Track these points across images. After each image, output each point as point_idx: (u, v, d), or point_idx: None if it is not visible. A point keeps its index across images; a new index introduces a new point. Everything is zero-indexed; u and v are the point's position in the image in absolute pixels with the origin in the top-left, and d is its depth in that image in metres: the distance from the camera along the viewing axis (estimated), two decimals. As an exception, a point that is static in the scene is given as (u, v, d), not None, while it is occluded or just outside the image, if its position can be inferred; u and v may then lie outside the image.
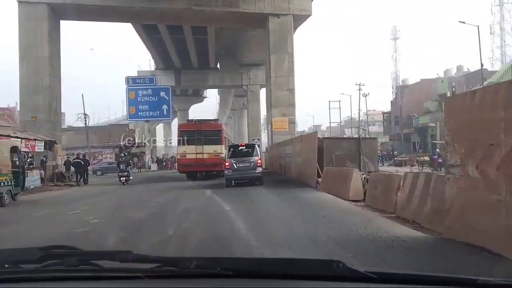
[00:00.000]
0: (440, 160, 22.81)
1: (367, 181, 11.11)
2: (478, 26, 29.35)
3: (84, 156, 25.65)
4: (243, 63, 51.34)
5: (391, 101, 45.60)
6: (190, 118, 44.86)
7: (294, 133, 29.58)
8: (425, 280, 1.48)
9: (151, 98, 43.52)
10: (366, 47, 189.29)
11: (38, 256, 1.65)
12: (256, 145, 18.03)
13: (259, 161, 16.37)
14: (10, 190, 13.17)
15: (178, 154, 23.75)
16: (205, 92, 70.14)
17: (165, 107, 43.58)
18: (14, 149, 14.36)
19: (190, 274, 1.55)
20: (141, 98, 43.52)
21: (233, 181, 16.00)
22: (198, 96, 68.90)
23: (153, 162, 43.42)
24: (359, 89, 47.62)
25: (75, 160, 24.87)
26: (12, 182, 13.37)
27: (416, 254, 5.17)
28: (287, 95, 29.75)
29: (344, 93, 57.33)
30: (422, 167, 27.60)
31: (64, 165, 25.46)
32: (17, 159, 14.22)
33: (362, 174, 11.32)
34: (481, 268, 4.40)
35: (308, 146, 15.06)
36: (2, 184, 12.68)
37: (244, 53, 48.53)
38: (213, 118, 30.78)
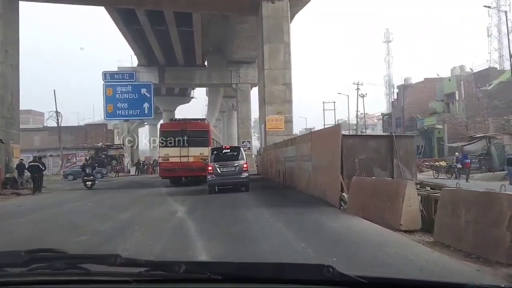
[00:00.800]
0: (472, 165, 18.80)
1: (422, 199, 7.01)
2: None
3: (40, 158, 21.05)
4: (232, 60, 47.28)
5: (392, 102, 41.84)
6: (175, 117, 40.93)
7: (291, 133, 25.48)
8: (414, 286, 1.48)
9: (130, 96, 39.17)
10: (362, 45, 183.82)
11: (24, 259, 1.61)
12: (241, 148, 16.56)
13: (245, 166, 14.95)
14: None
15: (160, 157, 21.10)
16: (192, 92, 65.95)
17: (146, 105, 39.22)
18: None
19: (179, 278, 1.50)
20: (119, 95, 39.13)
21: (216, 187, 14.61)
22: (185, 96, 64.65)
23: (132, 165, 38.90)
24: (357, 89, 43.93)
25: (32, 164, 20.41)
26: None
27: None
28: (282, 90, 25.65)
29: (341, 93, 53.15)
30: (438, 173, 23.74)
31: (16, 169, 20.90)
32: None
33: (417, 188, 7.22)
34: None
35: (326, 146, 10.84)
36: None
37: (233, 49, 44.40)
38: (200, 118, 27.03)
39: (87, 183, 20.15)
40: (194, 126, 20.58)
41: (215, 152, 15.39)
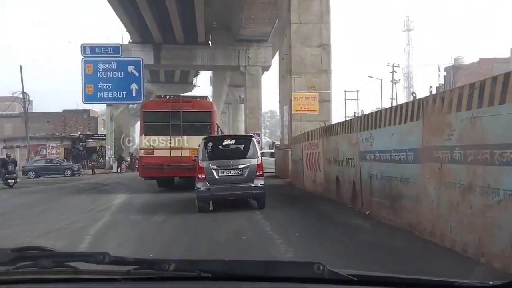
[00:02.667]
0: None
1: None
2: None
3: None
4: (241, 38, 38.79)
5: (437, 87, 33.43)
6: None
7: (329, 119, 16.98)
8: (405, 283, 1.45)
9: (115, 74, 30.84)
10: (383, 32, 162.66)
11: (10, 257, 1.51)
12: (253, 139, 9.98)
13: (259, 167, 8.95)
14: None
15: (141, 149, 14.72)
16: (194, 79, 57.40)
17: (134, 86, 30.85)
18: None
19: (168, 276, 1.44)
20: (101, 74, 30.81)
21: (211, 202, 8.80)
22: (186, 84, 56.15)
23: (115, 160, 30.43)
24: (393, 71, 35.37)
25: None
26: None
27: None
28: (317, 55, 17.16)
29: (373, 77, 43.31)
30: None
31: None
32: None
33: None
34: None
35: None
36: None
37: (241, 23, 35.83)
38: (199, 95, 18.91)
39: (9, 181, 18.14)
40: (191, 106, 14.48)
41: (210, 144, 9.70)
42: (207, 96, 17.82)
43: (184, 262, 1.52)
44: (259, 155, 9.30)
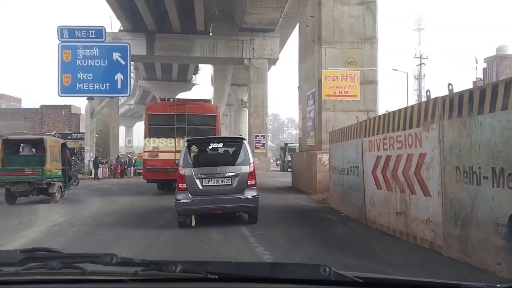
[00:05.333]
0: None
1: None
2: None
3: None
4: (245, 27, 33.38)
5: (474, 82, 27.71)
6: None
7: (374, 108, 11.44)
8: (410, 285, 1.42)
9: (97, 62, 25.29)
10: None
11: (19, 258, 1.50)
12: (244, 142, 7.92)
13: (251, 175, 7.29)
14: (60, 186, 12.13)
15: (145, 151, 14.14)
16: (194, 77, 51.87)
17: (119, 76, 25.29)
18: (63, 145, 12.94)
19: (175, 277, 1.41)
20: (81, 62, 25.28)
21: (193, 217, 7.30)
22: (185, 82, 50.65)
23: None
24: (421, 64, 29.88)
25: None
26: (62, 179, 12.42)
27: None
28: (358, 16, 11.70)
29: (397, 70, 37.01)
30: None
31: None
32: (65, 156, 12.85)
33: None
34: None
35: None
36: (53, 180, 11.86)
37: (245, 7, 30.35)
38: (203, 99, 17.96)
39: None
40: (196, 109, 14.18)
41: (194, 148, 8.20)
42: (210, 100, 18.05)
43: (191, 263, 1.49)
44: (251, 161, 7.59)
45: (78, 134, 26.85)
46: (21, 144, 12.91)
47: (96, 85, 25.22)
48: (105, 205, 11.00)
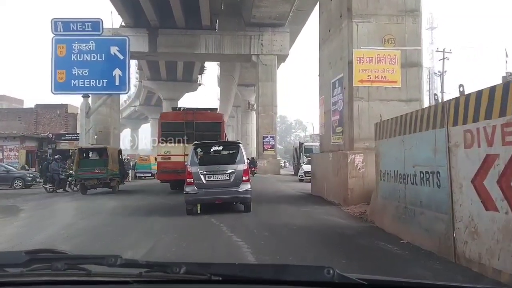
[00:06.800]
0: None
1: None
2: None
3: None
4: (253, 22, 31.06)
5: (504, 76, 25.28)
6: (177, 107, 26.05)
7: (419, 97, 8.86)
8: (413, 287, 1.40)
9: (93, 57, 22.94)
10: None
11: (24, 259, 1.49)
12: (240, 145, 9.65)
13: (245, 173, 9.00)
14: (117, 181, 16.24)
15: (158, 155, 15.81)
16: (199, 77, 49.58)
17: (117, 72, 22.91)
18: (119, 152, 17.77)
19: (180, 279, 1.40)
20: (77, 56, 22.96)
21: (199, 206, 8.94)
22: (191, 82, 48.36)
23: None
24: (444, 58, 27.26)
25: None
26: (119, 176, 16.51)
27: None
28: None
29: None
30: None
31: None
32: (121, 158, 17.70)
33: None
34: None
35: None
36: (114, 177, 15.85)
37: (254, 1, 28.02)
38: (210, 107, 18.58)
39: None
40: (203, 117, 15.59)
41: (199, 150, 9.74)
42: (216, 109, 19.75)
43: (195, 265, 1.49)
44: (246, 161, 9.29)
45: (74, 135, 24.53)
46: (90, 152, 17.25)
47: (92, 81, 22.85)
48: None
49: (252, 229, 6.68)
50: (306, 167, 20.39)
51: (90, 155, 16.83)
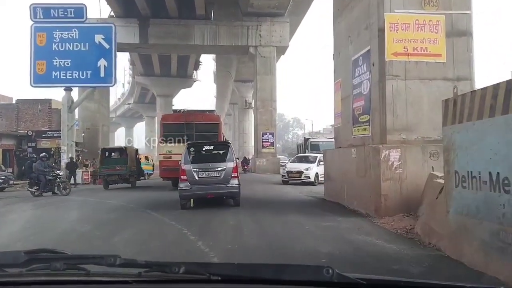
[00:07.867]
0: None
1: None
2: None
3: None
4: (251, 11, 28.88)
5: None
6: (174, 107, 25.56)
7: (470, 75, 6.60)
8: (412, 287, 1.39)
9: (76, 46, 20.80)
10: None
11: (24, 259, 1.48)
12: (230, 145, 10.76)
13: (234, 170, 9.83)
14: (135, 177, 18.09)
15: (160, 154, 16.74)
16: (195, 73, 47.34)
17: (102, 63, 20.77)
18: (136, 151, 19.65)
19: (179, 279, 1.40)
20: (58, 46, 20.82)
21: (192, 200, 9.75)
22: (185, 78, 46.12)
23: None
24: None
25: None
26: (136, 173, 18.38)
27: None
28: None
29: None
30: None
31: None
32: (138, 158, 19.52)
33: None
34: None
35: None
36: (132, 174, 17.70)
37: (253, -12, 25.71)
38: (208, 109, 20.05)
39: None
40: (201, 119, 16.71)
41: (192, 149, 10.47)
42: (214, 111, 20.31)
43: (194, 265, 1.48)
44: (235, 159, 10.06)
45: (56, 132, 22.23)
46: (112, 151, 19.29)
47: (75, 73, 20.68)
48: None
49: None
50: (290, 166, 18.10)
51: (112, 155, 18.78)
